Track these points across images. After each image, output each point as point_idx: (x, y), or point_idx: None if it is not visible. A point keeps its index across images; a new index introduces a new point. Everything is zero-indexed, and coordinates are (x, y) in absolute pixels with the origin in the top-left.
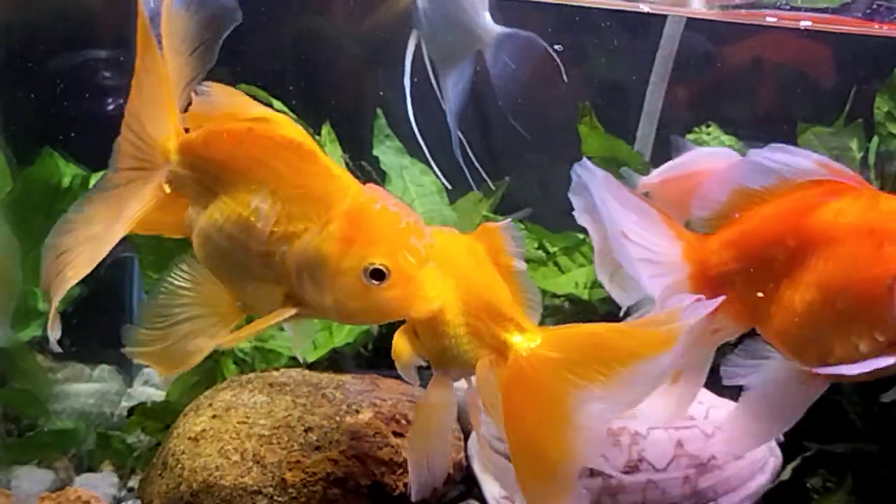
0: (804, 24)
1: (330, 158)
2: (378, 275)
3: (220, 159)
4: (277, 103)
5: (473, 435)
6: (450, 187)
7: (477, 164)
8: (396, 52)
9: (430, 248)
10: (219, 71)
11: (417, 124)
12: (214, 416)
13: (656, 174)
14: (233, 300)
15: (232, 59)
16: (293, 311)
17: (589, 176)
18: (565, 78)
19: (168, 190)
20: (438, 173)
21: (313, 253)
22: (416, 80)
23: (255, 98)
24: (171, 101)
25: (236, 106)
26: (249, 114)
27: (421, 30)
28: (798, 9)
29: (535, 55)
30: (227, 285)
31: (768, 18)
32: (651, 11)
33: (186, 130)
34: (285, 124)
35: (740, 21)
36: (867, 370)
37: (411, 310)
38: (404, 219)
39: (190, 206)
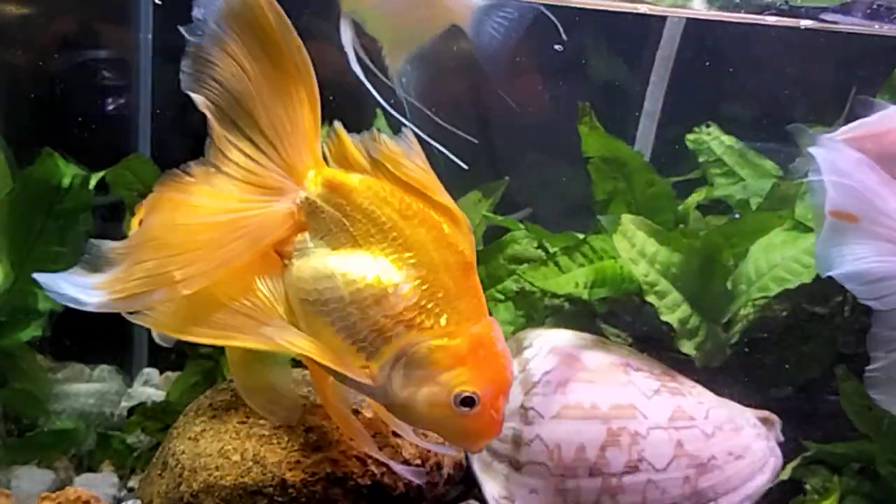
0: (804, 23)
1: (476, 279)
2: (468, 403)
3: (381, 216)
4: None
5: None
6: (466, 167)
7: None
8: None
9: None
10: None
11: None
12: (214, 416)
13: (843, 131)
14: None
15: None
16: (369, 382)
17: (838, 156)
18: (564, 36)
19: (302, 218)
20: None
21: (424, 351)
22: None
23: None
24: (316, 127)
25: (427, 179)
26: (434, 193)
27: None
28: (798, 8)
29: (526, 24)
30: (310, 327)
31: (768, 18)
32: (650, 12)
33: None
34: (463, 228)
35: (740, 21)
36: None
37: (470, 445)
38: (509, 367)
39: (310, 236)
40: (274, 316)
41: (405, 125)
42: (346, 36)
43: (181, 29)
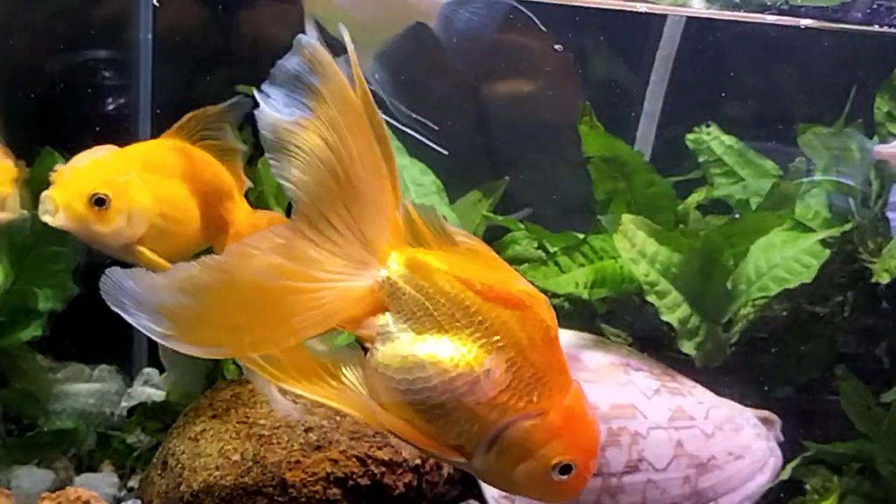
0: (804, 23)
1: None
2: (565, 471)
3: (465, 300)
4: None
5: None
6: (446, 152)
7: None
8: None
9: None
10: (216, 73)
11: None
12: (214, 416)
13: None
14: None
15: (230, 60)
16: (463, 461)
17: None
18: (542, 28)
19: (382, 298)
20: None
21: (521, 433)
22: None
23: (247, 97)
24: (396, 204)
25: (503, 265)
26: (512, 284)
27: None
28: (798, 8)
29: (498, 18)
30: (400, 413)
31: (768, 18)
32: (650, 11)
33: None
34: (543, 304)
35: (740, 20)
36: None
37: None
38: (598, 430)
39: (392, 319)
40: (358, 401)
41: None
42: (311, 37)
43: (263, 104)
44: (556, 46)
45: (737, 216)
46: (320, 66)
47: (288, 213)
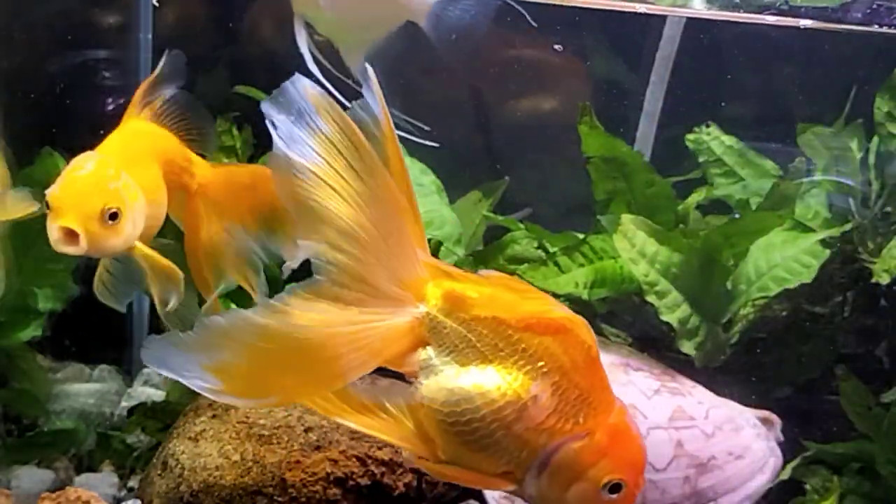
0: (803, 23)
1: (602, 369)
2: (615, 490)
3: (506, 329)
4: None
5: None
6: (436, 144)
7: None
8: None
9: None
10: (215, 73)
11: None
12: (214, 416)
13: None
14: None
15: (229, 60)
16: (513, 488)
17: None
18: (533, 24)
19: (423, 333)
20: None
21: (569, 455)
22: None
23: (249, 98)
24: (423, 237)
25: (524, 290)
26: (550, 310)
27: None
28: (798, 8)
29: (489, 17)
30: (448, 445)
31: (768, 19)
32: (649, 12)
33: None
34: (582, 326)
35: (740, 20)
36: None
37: None
38: (644, 446)
39: (434, 353)
40: (404, 431)
41: None
42: (301, 37)
43: (279, 147)
44: (557, 47)
45: (737, 216)
46: (329, 112)
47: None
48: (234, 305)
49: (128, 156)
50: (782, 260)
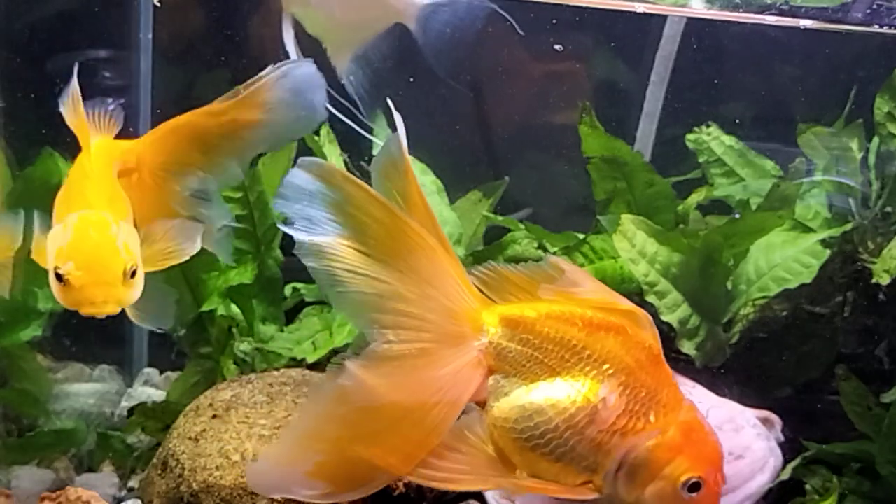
0: (804, 23)
1: (667, 366)
2: (694, 488)
3: (570, 339)
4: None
5: None
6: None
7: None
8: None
9: None
10: (218, 73)
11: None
12: (214, 416)
13: None
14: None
15: (230, 61)
16: (595, 496)
17: None
18: (520, 32)
19: (490, 363)
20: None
21: (644, 454)
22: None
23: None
24: (461, 268)
25: (603, 293)
26: (616, 306)
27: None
28: (798, 8)
29: (478, 22)
30: (525, 459)
31: (768, 19)
32: (649, 11)
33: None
34: (644, 321)
35: (740, 20)
36: None
37: None
38: (719, 441)
39: (501, 376)
40: (487, 458)
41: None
42: (288, 34)
43: (302, 239)
44: (557, 47)
45: (737, 216)
46: (333, 179)
47: None
48: (234, 306)
49: (101, 196)
50: (782, 260)
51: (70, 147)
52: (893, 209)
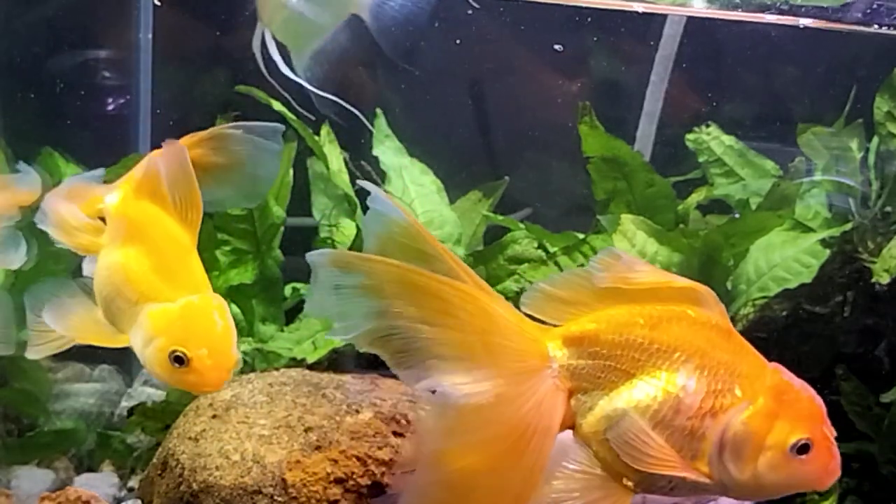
0: (803, 22)
1: (739, 336)
2: (804, 449)
3: (636, 339)
4: (276, 104)
5: None
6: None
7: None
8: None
9: None
10: (218, 73)
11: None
12: (214, 416)
13: None
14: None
15: (230, 61)
16: (708, 482)
17: None
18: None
19: (567, 386)
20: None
21: (740, 428)
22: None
23: (254, 100)
24: (505, 302)
25: (658, 276)
26: (675, 285)
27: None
28: (798, 8)
29: (428, 8)
30: (614, 460)
31: (768, 18)
32: (649, 11)
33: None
34: (707, 297)
35: (740, 20)
36: None
37: (824, 482)
38: (817, 399)
39: (582, 395)
40: (597, 476)
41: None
42: (258, 39)
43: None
44: (557, 47)
45: (737, 216)
46: (353, 264)
47: (288, 212)
48: (235, 306)
49: (205, 274)
50: (782, 260)
51: (70, 147)
52: (893, 209)
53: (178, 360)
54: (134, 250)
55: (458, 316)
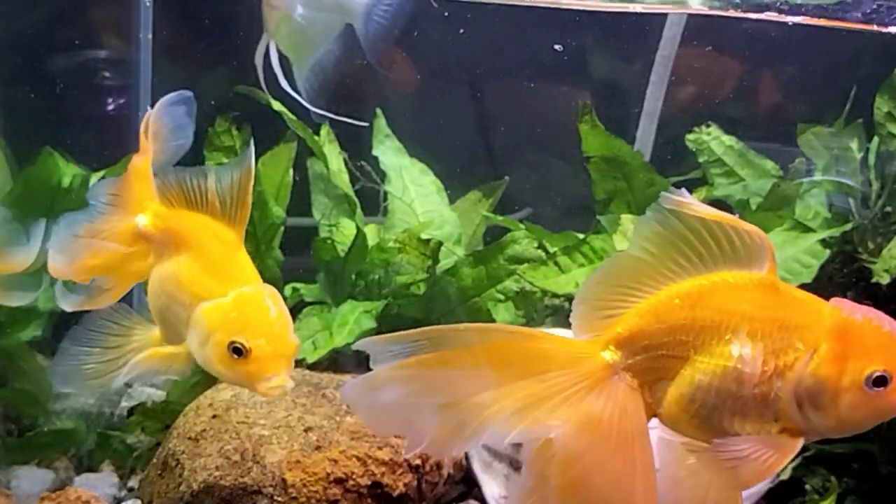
0: (796, 20)
1: (787, 285)
2: (881, 381)
3: (681, 323)
4: (276, 104)
5: None
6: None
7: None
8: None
9: None
10: (218, 72)
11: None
12: (214, 416)
13: None
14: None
15: (229, 60)
16: (800, 442)
17: None
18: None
19: (636, 383)
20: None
21: (810, 380)
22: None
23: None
24: (546, 334)
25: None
26: (729, 220)
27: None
28: (799, 6)
29: (409, 11)
30: (708, 434)
31: (767, 17)
32: (649, 11)
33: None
34: (757, 249)
35: (740, 19)
36: None
37: None
38: (886, 324)
39: (651, 386)
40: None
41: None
42: (261, 51)
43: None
44: (557, 47)
45: (737, 216)
46: (385, 382)
47: (288, 212)
48: None
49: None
50: (782, 260)
51: (70, 147)
52: (893, 209)
53: (237, 351)
54: (181, 257)
55: (508, 360)
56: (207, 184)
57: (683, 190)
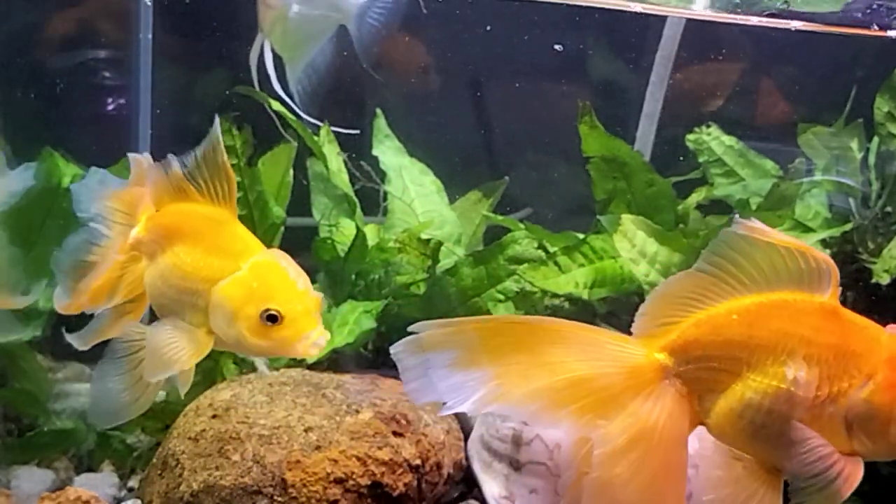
0: (796, 23)
1: (848, 312)
2: None
3: (736, 340)
4: (275, 104)
5: (473, 435)
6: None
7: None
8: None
9: None
10: (217, 73)
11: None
12: (214, 416)
13: None
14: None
15: (229, 62)
16: (854, 458)
17: None
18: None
19: (685, 391)
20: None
21: (863, 407)
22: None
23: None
24: (602, 332)
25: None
26: (799, 246)
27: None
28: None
29: (401, 12)
30: (754, 449)
31: (768, 20)
32: (650, 12)
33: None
34: (822, 275)
35: (740, 21)
36: None
37: None
38: None
39: (700, 396)
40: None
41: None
42: (255, 50)
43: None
44: (557, 46)
45: (737, 216)
46: (442, 343)
47: (288, 212)
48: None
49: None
50: None
51: (70, 147)
52: (893, 209)
53: (272, 318)
54: (178, 248)
55: (561, 352)
56: (173, 170)
57: (753, 219)
